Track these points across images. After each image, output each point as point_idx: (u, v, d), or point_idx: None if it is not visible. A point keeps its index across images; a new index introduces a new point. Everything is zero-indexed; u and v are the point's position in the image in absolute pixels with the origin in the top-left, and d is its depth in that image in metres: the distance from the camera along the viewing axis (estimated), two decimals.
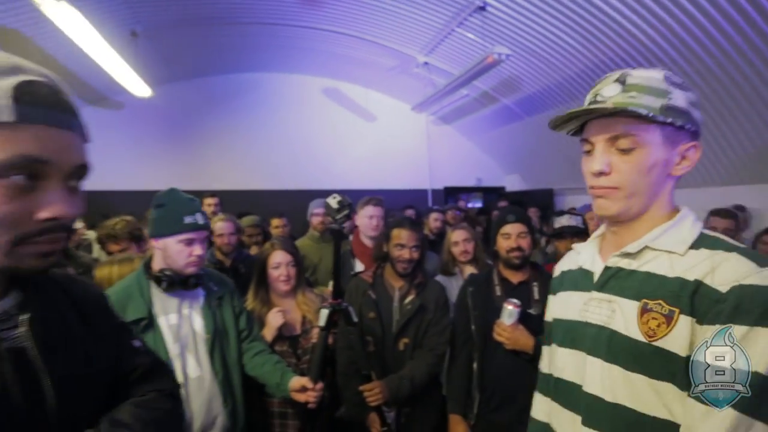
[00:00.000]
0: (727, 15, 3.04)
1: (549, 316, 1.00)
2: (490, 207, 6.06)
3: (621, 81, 0.76)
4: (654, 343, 0.71)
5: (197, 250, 1.44)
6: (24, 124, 0.50)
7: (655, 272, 0.75)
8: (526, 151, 6.51)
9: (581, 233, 2.25)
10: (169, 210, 1.43)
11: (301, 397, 1.50)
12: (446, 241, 2.41)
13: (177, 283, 1.43)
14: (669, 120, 0.73)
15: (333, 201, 1.43)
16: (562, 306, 0.92)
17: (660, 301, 0.72)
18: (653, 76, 0.75)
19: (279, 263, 1.83)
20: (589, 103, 0.79)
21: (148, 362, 0.75)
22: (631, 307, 0.75)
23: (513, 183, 7.45)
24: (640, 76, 0.76)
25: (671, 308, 0.71)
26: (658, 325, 0.71)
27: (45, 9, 2.68)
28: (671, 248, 0.75)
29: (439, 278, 2.30)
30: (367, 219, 2.44)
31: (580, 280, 0.88)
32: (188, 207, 1.45)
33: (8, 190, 0.50)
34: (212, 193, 3.99)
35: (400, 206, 5.39)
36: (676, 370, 0.70)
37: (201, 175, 6.22)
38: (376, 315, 1.78)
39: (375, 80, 6.64)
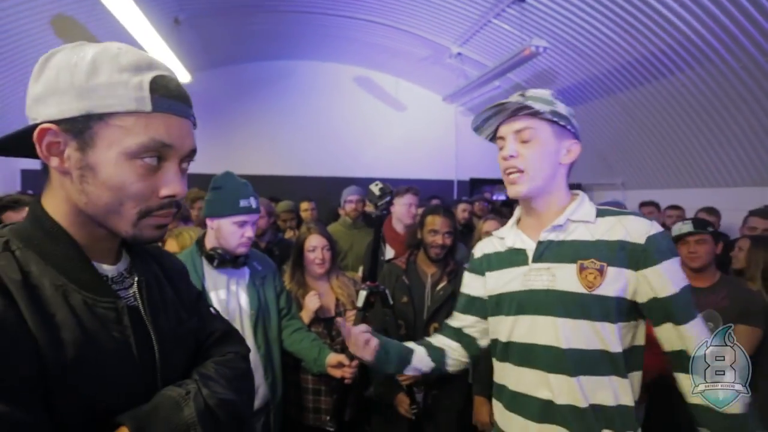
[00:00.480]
0: None
1: (472, 290, 1.18)
2: (514, 200, 6.02)
3: (522, 94, 1.03)
4: (593, 292, 0.94)
5: (248, 232, 1.53)
6: (156, 112, 0.58)
7: (579, 239, 0.99)
8: None
9: None
10: (226, 192, 1.53)
11: (337, 373, 1.59)
12: (477, 231, 2.45)
13: (227, 261, 1.54)
14: (555, 119, 0.99)
15: (375, 188, 1.50)
16: (498, 282, 1.09)
17: (592, 260, 0.96)
18: (543, 92, 1.03)
19: (315, 246, 1.91)
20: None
21: (224, 327, 0.83)
22: (569, 268, 0.97)
23: None
24: (535, 91, 1.03)
25: (601, 263, 0.95)
26: (594, 278, 0.95)
27: None
28: (587, 219, 1.00)
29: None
30: (405, 207, 2.52)
31: (513, 258, 1.08)
32: (243, 191, 1.54)
33: (142, 169, 0.58)
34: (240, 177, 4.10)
35: (426, 196, 5.43)
36: (609, 309, 0.94)
37: (234, 160, 6.39)
38: (408, 300, 1.86)
39: (407, 70, 6.64)
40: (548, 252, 1.01)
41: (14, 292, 0.52)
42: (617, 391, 0.94)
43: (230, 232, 1.51)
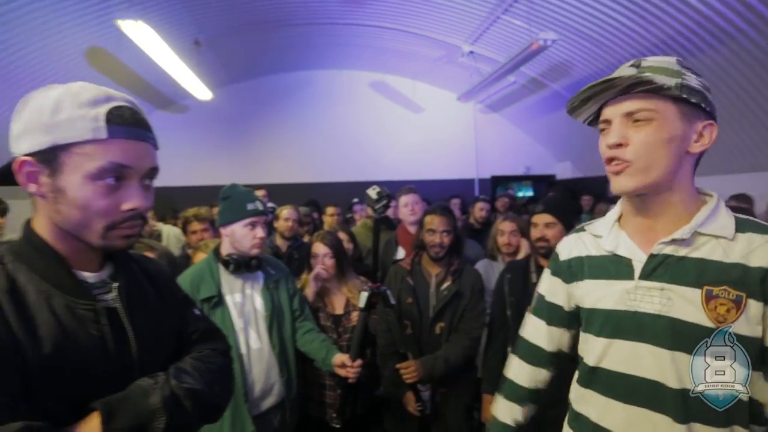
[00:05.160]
0: None
1: (554, 298, 1.00)
2: (541, 196, 5.95)
3: (636, 65, 0.80)
4: (723, 328, 0.73)
5: (259, 232, 1.63)
6: (113, 139, 0.66)
7: (709, 258, 0.76)
8: (578, 138, 6.27)
9: None
10: (234, 200, 1.64)
11: (341, 372, 1.66)
12: (493, 230, 2.48)
13: (242, 266, 1.65)
14: (684, 95, 0.76)
15: (372, 192, 1.56)
16: (591, 295, 0.90)
17: (725, 287, 0.73)
18: (667, 59, 0.80)
19: (316, 254, 2.02)
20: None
21: (205, 327, 0.91)
22: (692, 293, 0.76)
23: (564, 171, 7.20)
24: (654, 59, 0.80)
25: (738, 293, 0.73)
26: (728, 311, 0.73)
27: (125, 28, 3.05)
28: (720, 233, 0.77)
29: (483, 262, 2.39)
30: (403, 207, 2.63)
31: (612, 268, 0.86)
32: (249, 196, 1.65)
33: (103, 189, 0.66)
34: (259, 186, 4.19)
35: (447, 196, 5.45)
36: (750, 353, 0.73)
37: (257, 170, 6.66)
38: (413, 300, 1.90)
39: (421, 72, 6.69)
40: (663, 269, 0.80)
41: (1, 298, 0.62)
42: None
43: (243, 234, 1.62)
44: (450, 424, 1.88)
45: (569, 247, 0.98)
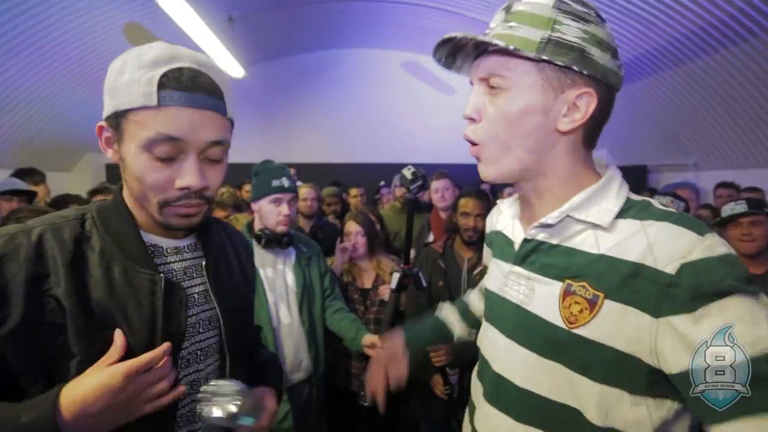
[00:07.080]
0: None
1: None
2: None
3: (506, 9, 0.65)
4: (574, 331, 0.61)
5: (284, 209, 1.65)
6: (163, 106, 0.59)
7: (578, 248, 0.63)
8: (616, 124, 5.99)
9: None
10: (262, 177, 1.67)
11: (371, 352, 1.67)
12: None
13: (273, 241, 1.66)
14: (544, 57, 0.59)
15: (408, 172, 1.53)
16: (490, 272, 0.83)
17: (584, 283, 0.61)
18: (541, 2, 0.61)
19: (349, 232, 2.08)
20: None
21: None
22: (553, 287, 0.64)
23: (600, 158, 6.91)
24: (527, 2, 0.62)
25: (595, 292, 0.60)
26: (581, 311, 0.60)
27: (161, 2, 3.08)
28: (595, 220, 0.62)
29: None
30: (434, 193, 2.60)
31: (505, 248, 0.77)
32: (276, 173, 1.67)
33: (156, 161, 0.61)
34: (288, 165, 4.23)
35: (477, 180, 5.35)
36: (593, 362, 0.60)
37: (287, 149, 6.69)
38: (444, 284, 1.88)
39: None
40: (535, 256, 0.68)
41: (58, 253, 0.60)
42: None
43: (268, 211, 1.65)
44: None
45: (490, 220, 0.90)
